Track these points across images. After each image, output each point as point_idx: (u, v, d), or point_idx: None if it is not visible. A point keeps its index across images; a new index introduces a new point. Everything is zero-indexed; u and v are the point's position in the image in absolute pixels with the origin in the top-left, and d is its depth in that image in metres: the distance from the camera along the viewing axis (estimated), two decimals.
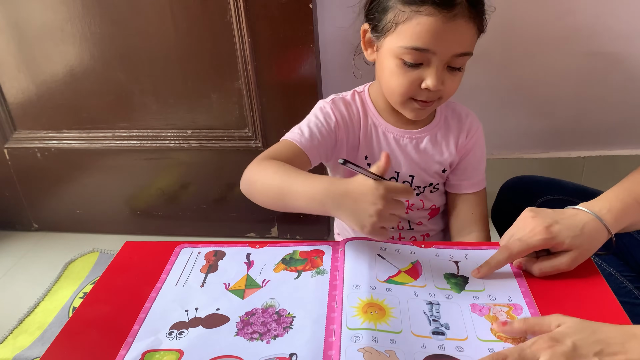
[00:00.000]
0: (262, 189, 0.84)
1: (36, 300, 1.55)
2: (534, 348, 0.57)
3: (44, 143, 1.70)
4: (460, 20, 0.79)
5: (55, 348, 0.68)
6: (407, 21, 0.80)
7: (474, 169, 1.02)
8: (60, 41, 1.51)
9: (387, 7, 0.83)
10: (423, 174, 1.00)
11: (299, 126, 0.96)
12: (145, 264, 0.82)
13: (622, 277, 0.91)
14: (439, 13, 0.78)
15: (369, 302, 0.69)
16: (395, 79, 0.86)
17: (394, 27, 0.82)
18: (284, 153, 0.90)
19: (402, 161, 0.98)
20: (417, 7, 0.79)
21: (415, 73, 0.84)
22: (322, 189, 0.74)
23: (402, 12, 0.80)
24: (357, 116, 0.98)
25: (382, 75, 0.89)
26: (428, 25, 0.79)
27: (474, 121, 1.01)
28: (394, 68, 0.85)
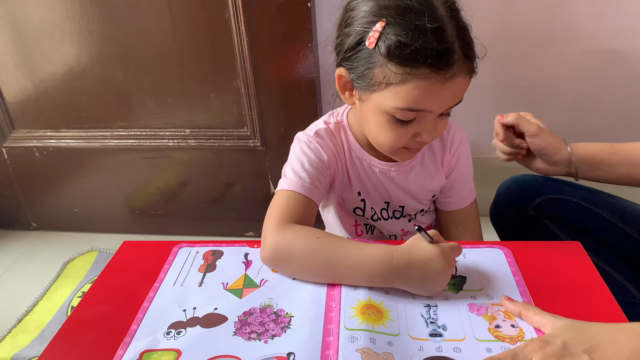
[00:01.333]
0: (303, 267, 0.75)
1: (35, 300, 1.55)
2: (526, 350, 0.58)
3: (42, 142, 1.70)
4: (458, 77, 0.73)
5: (53, 347, 0.68)
6: (401, 83, 0.72)
7: (461, 184, 0.99)
8: (58, 40, 1.50)
9: (373, 63, 0.74)
10: (413, 203, 0.97)
11: (293, 171, 0.87)
12: (143, 264, 0.82)
13: (621, 277, 0.91)
14: (437, 75, 0.71)
15: (367, 303, 0.69)
16: (386, 134, 0.80)
17: (384, 86, 0.74)
18: (295, 210, 0.82)
19: (391, 193, 0.95)
20: (412, 69, 0.71)
21: (408, 128, 0.78)
22: (383, 264, 0.71)
23: (394, 73, 0.72)
24: (342, 150, 0.92)
25: (368, 126, 0.83)
26: (425, 89, 0.72)
27: (456, 133, 0.96)
28: (384, 124, 0.79)
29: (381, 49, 0.71)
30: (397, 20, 0.70)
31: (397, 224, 1.00)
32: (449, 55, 0.70)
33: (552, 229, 1.00)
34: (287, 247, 0.76)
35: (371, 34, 0.72)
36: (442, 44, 0.69)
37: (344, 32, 0.78)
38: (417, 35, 0.69)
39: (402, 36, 0.69)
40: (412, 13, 0.70)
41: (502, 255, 0.79)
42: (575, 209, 0.98)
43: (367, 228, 1.01)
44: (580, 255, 0.79)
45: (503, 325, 0.66)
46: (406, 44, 0.69)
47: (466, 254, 0.80)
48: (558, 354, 0.57)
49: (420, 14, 0.69)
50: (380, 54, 0.72)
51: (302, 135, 0.92)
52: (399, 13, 0.71)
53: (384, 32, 0.71)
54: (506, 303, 0.69)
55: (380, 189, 0.95)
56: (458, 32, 0.72)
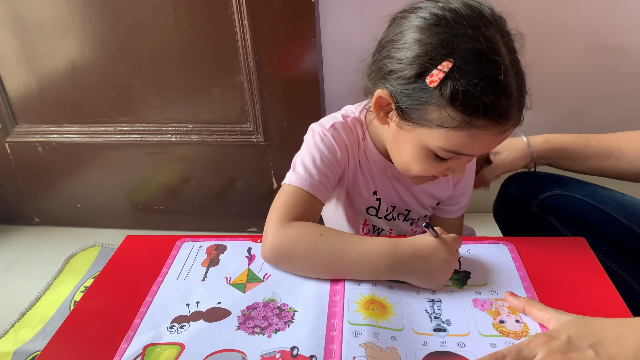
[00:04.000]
0: (308, 263, 0.75)
1: (37, 294, 1.55)
2: (531, 345, 0.58)
3: (45, 137, 1.70)
4: (510, 129, 0.71)
5: (56, 341, 0.68)
6: (456, 129, 0.68)
7: (462, 195, 0.99)
8: (61, 35, 1.50)
9: (429, 101, 0.68)
10: (419, 208, 0.97)
11: (304, 166, 0.83)
12: (146, 258, 0.82)
13: (624, 273, 0.91)
14: (494, 128, 0.68)
15: (371, 298, 0.69)
16: (419, 165, 0.77)
17: (435, 126, 0.70)
18: (301, 209, 0.80)
19: (402, 197, 0.94)
20: (473, 119, 0.67)
21: (443, 164, 0.76)
22: (388, 255, 0.71)
23: (452, 118, 0.68)
24: (357, 147, 0.89)
25: (399, 151, 0.79)
26: (480, 139, 0.70)
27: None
28: (420, 157, 0.75)
29: (444, 91, 0.66)
30: (466, 65, 0.66)
31: (399, 225, 0.99)
32: (510, 110, 0.68)
33: (556, 225, 0.99)
34: (289, 246, 0.75)
35: (435, 73, 0.67)
36: (508, 100, 0.67)
37: (391, 55, 0.72)
38: (487, 88, 0.65)
39: (472, 86, 0.65)
40: (482, 59, 0.66)
41: (507, 251, 0.79)
42: (578, 205, 0.98)
43: (374, 229, 1.00)
44: (585, 251, 0.78)
45: (507, 320, 0.66)
46: (475, 96, 0.65)
47: (470, 249, 0.80)
48: (563, 349, 0.56)
49: (490, 64, 0.66)
50: (441, 95, 0.67)
51: (318, 127, 0.87)
52: (468, 57, 0.66)
53: (451, 76, 0.66)
54: (510, 299, 0.69)
55: (390, 192, 0.94)
56: (517, 84, 0.70)
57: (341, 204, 0.97)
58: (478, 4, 0.71)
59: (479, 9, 0.70)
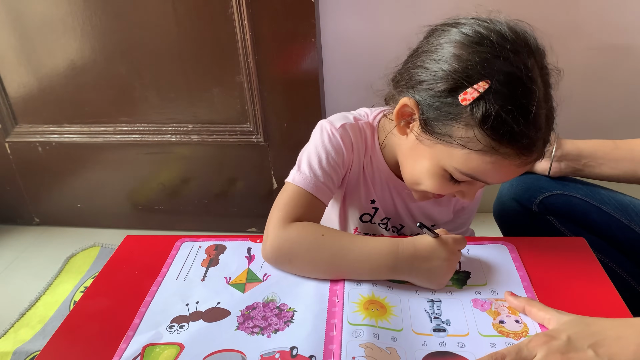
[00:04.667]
0: (309, 263, 0.74)
1: (37, 294, 1.55)
2: (530, 345, 0.58)
3: (45, 137, 1.70)
4: (533, 161, 0.71)
5: (55, 341, 0.68)
6: (479, 153, 0.67)
7: (462, 223, 0.99)
8: (61, 35, 1.50)
9: (457, 118, 0.67)
10: (414, 226, 0.95)
11: (309, 165, 0.82)
12: (146, 258, 0.82)
13: (625, 273, 0.91)
14: (517, 158, 0.67)
15: (370, 299, 0.69)
16: (431, 182, 0.75)
17: (458, 146, 0.68)
18: (303, 210, 0.79)
19: (398, 210, 0.93)
20: (499, 145, 0.66)
21: (455, 186, 0.75)
22: (389, 254, 0.71)
23: (477, 141, 0.67)
24: (364, 152, 0.87)
25: (414, 164, 0.77)
26: (501, 167, 0.68)
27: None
28: (435, 175, 0.74)
29: (476, 112, 0.66)
30: (503, 90, 0.65)
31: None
32: (536, 143, 0.68)
33: (556, 225, 0.99)
34: (290, 247, 0.75)
35: (470, 91, 0.66)
36: (537, 132, 0.67)
37: (425, 66, 0.71)
38: (519, 117, 0.64)
39: (505, 111, 0.64)
40: (519, 87, 0.65)
41: (507, 251, 0.79)
42: (579, 205, 0.98)
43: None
44: (585, 251, 0.78)
45: (507, 320, 0.66)
46: (506, 122, 0.65)
47: (470, 249, 0.79)
48: (563, 349, 0.56)
49: (526, 92, 0.65)
50: (471, 115, 0.66)
51: (327, 124, 0.85)
52: (506, 81, 0.65)
53: (485, 96, 0.65)
54: (510, 299, 0.69)
55: (387, 203, 0.92)
56: (547, 118, 0.70)
57: (337, 206, 0.96)
58: (523, 31, 0.70)
59: (524, 36, 0.69)
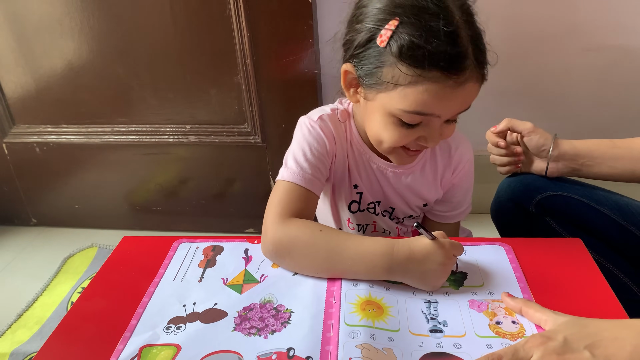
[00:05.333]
0: (305, 259, 0.75)
1: (35, 295, 1.55)
2: (527, 346, 0.58)
3: (42, 138, 1.70)
4: (469, 83, 0.71)
5: (52, 342, 0.68)
6: (410, 85, 0.70)
7: (459, 202, 0.99)
8: (58, 35, 1.50)
9: (383, 62, 0.71)
10: (404, 207, 0.96)
11: (295, 160, 0.85)
12: (143, 259, 0.82)
13: (622, 274, 0.91)
14: (448, 79, 0.69)
15: (367, 299, 0.69)
16: (389, 134, 0.78)
17: (392, 87, 0.72)
18: (297, 204, 0.81)
19: (386, 192, 0.94)
20: (423, 72, 0.68)
21: (412, 131, 0.76)
22: (384, 255, 0.71)
23: (404, 74, 0.69)
24: (345, 140, 0.90)
25: (371, 124, 0.81)
26: (435, 93, 0.70)
27: (464, 153, 0.94)
28: (388, 125, 0.77)
29: (392, 48, 0.69)
30: (411, 20, 0.68)
31: (386, 221, 0.99)
32: (462, 60, 0.68)
33: (553, 226, 0.99)
34: (289, 241, 0.76)
35: (383, 32, 0.70)
36: (455, 48, 0.67)
37: (355, 29, 0.75)
38: (431, 37, 0.67)
39: (415, 37, 0.67)
40: (427, 14, 0.67)
41: (503, 252, 0.79)
42: (576, 206, 0.98)
43: (359, 227, 1.00)
44: (581, 252, 0.78)
45: (504, 321, 0.66)
46: (419, 46, 0.67)
47: (467, 250, 0.79)
48: (559, 350, 0.56)
49: (435, 16, 0.67)
50: (391, 53, 0.70)
51: (305, 119, 0.89)
52: (413, 13, 0.68)
53: (397, 32, 0.69)
54: (506, 299, 0.69)
55: (374, 186, 0.94)
56: (472, 38, 0.70)
57: (328, 199, 0.98)
58: None
59: None
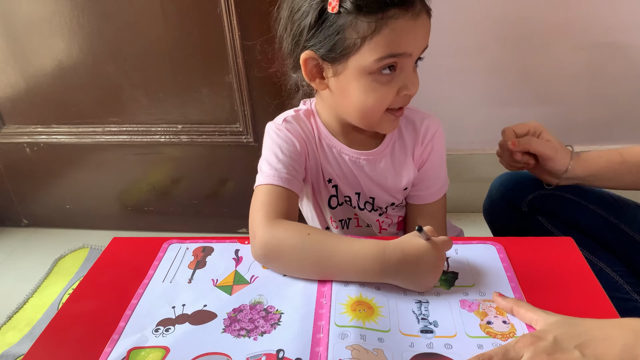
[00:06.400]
0: (294, 263, 0.75)
1: (25, 297, 1.54)
2: (517, 346, 0.58)
3: (33, 138, 1.68)
4: (422, 15, 0.75)
5: (40, 344, 0.67)
6: (376, 32, 0.73)
7: (432, 178, 0.96)
8: (48, 35, 1.49)
9: (342, 26, 0.74)
10: (384, 195, 0.95)
11: (269, 164, 0.86)
12: (133, 260, 0.82)
13: (613, 273, 0.91)
14: (406, 13, 0.73)
15: (358, 300, 0.69)
16: (372, 96, 0.79)
17: (360, 43, 0.74)
18: (280, 204, 0.81)
19: (361, 182, 0.93)
20: (383, 13, 0.72)
21: (392, 83, 0.78)
22: (375, 260, 0.70)
23: (365, 24, 0.73)
24: (313, 136, 0.92)
25: (349, 99, 0.81)
26: (399, 29, 0.73)
27: (430, 125, 0.93)
28: (369, 85, 0.78)
29: (347, 7, 0.72)
30: None
31: (369, 215, 0.98)
32: None
33: (545, 224, 0.99)
34: (278, 244, 0.75)
35: (330, 0, 0.73)
36: None
37: (297, 19, 0.78)
38: None
39: None
40: None
41: (495, 251, 0.79)
42: (568, 205, 0.98)
43: (342, 223, 1.00)
44: (573, 251, 0.78)
45: (494, 321, 0.66)
46: None
47: (458, 249, 0.79)
48: (549, 349, 0.56)
49: None
50: (347, 13, 0.73)
51: (271, 124, 0.92)
52: None
53: None
54: (498, 299, 0.69)
55: (350, 178, 0.93)
56: None
57: (310, 200, 0.98)
58: None
59: None
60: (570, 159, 0.94)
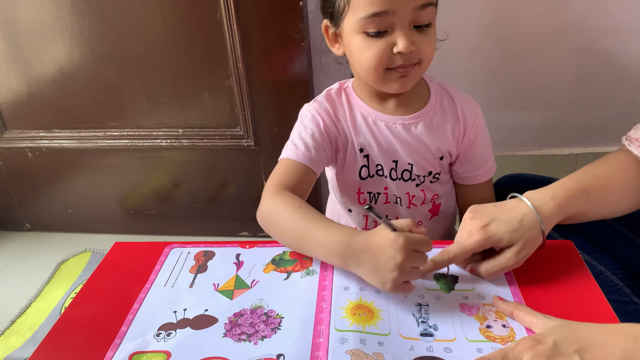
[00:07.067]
0: (280, 232, 0.81)
1: (28, 301, 1.54)
2: (516, 350, 0.58)
3: (35, 143, 1.69)
4: None
5: (43, 349, 0.68)
6: None
7: (483, 157, 0.98)
8: (49, 40, 1.50)
9: None
10: (421, 161, 0.95)
11: (291, 140, 0.93)
12: (134, 265, 0.82)
13: (613, 275, 0.91)
14: None
15: (358, 303, 0.69)
16: (365, 54, 0.82)
17: (347, 5, 0.80)
18: (291, 177, 0.88)
19: (398, 148, 0.94)
20: None
21: (382, 41, 0.81)
22: (342, 243, 0.71)
23: None
24: (343, 110, 0.95)
25: (353, 59, 0.87)
26: None
27: (469, 105, 0.95)
28: (360, 44, 0.82)
29: None
30: None
31: (404, 186, 0.97)
32: None
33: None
34: (270, 213, 0.83)
35: None
36: None
37: None
38: None
39: None
40: None
41: None
42: None
43: (370, 197, 0.99)
44: (572, 254, 0.78)
45: (494, 325, 0.66)
46: None
47: None
48: (549, 353, 0.56)
49: None
50: None
51: (305, 105, 0.98)
52: None
53: None
54: (498, 303, 0.69)
55: (385, 146, 0.94)
56: None
57: (339, 171, 0.99)
58: None
59: None
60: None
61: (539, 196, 0.77)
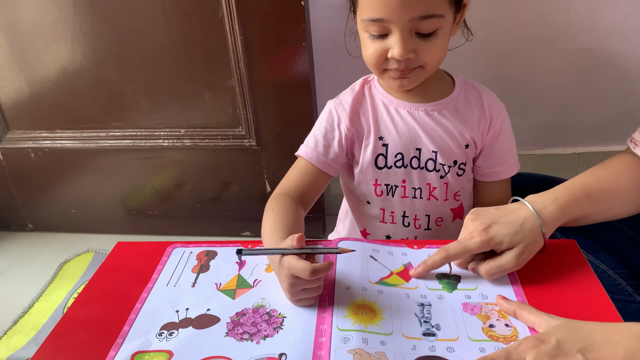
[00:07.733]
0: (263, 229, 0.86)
1: (31, 301, 1.55)
2: (519, 349, 0.58)
3: (37, 143, 1.69)
4: None
5: (45, 349, 0.68)
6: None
7: (507, 152, 0.97)
8: (52, 40, 1.50)
9: None
10: (446, 148, 0.93)
11: (313, 134, 0.97)
12: (137, 265, 0.82)
13: (616, 275, 0.91)
14: None
15: (360, 303, 0.69)
16: (367, 51, 0.85)
17: (356, 3, 0.82)
18: (300, 180, 0.93)
19: (421, 134, 0.92)
20: None
21: (381, 43, 0.82)
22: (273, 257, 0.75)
23: None
24: (365, 101, 0.96)
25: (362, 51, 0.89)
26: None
27: (494, 100, 0.96)
28: (364, 40, 0.85)
29: None
30: None
31: (426, 176, 0.95)
32: None
33: None
34: (264, 212, 0.87)
35: None
36: None
37: None
38: None
39: None
40: None
41: None
42: None
43: (387, 189, 0.97)
44: (575, 254, 0.78)
45: (497, 324, 0.66)
46: None
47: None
48: (552, 353, 0.56)
49: None
50: None
51: (330, 101, 0.99)
52: None
53: None
54: (501, 302, 0.69)
55: (407, 132, 0.93)
56: None
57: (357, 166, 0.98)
58: None
59: None
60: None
61: (541, 200, 0.77)
